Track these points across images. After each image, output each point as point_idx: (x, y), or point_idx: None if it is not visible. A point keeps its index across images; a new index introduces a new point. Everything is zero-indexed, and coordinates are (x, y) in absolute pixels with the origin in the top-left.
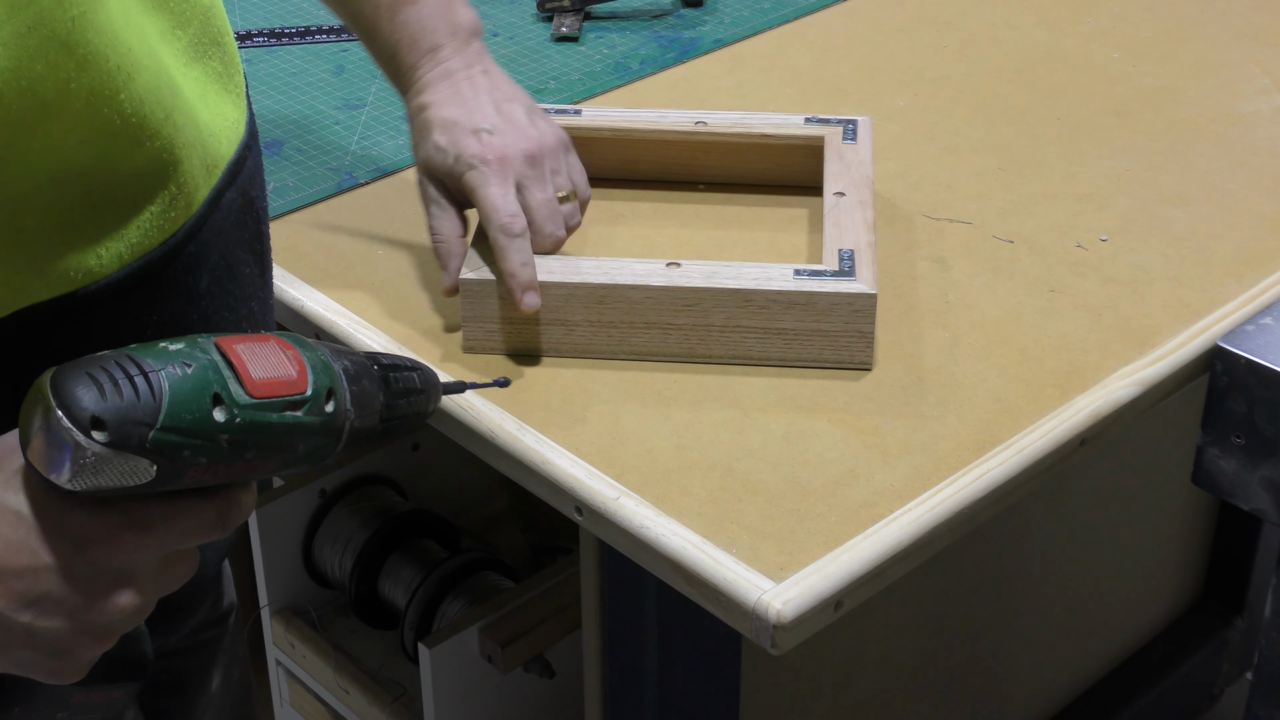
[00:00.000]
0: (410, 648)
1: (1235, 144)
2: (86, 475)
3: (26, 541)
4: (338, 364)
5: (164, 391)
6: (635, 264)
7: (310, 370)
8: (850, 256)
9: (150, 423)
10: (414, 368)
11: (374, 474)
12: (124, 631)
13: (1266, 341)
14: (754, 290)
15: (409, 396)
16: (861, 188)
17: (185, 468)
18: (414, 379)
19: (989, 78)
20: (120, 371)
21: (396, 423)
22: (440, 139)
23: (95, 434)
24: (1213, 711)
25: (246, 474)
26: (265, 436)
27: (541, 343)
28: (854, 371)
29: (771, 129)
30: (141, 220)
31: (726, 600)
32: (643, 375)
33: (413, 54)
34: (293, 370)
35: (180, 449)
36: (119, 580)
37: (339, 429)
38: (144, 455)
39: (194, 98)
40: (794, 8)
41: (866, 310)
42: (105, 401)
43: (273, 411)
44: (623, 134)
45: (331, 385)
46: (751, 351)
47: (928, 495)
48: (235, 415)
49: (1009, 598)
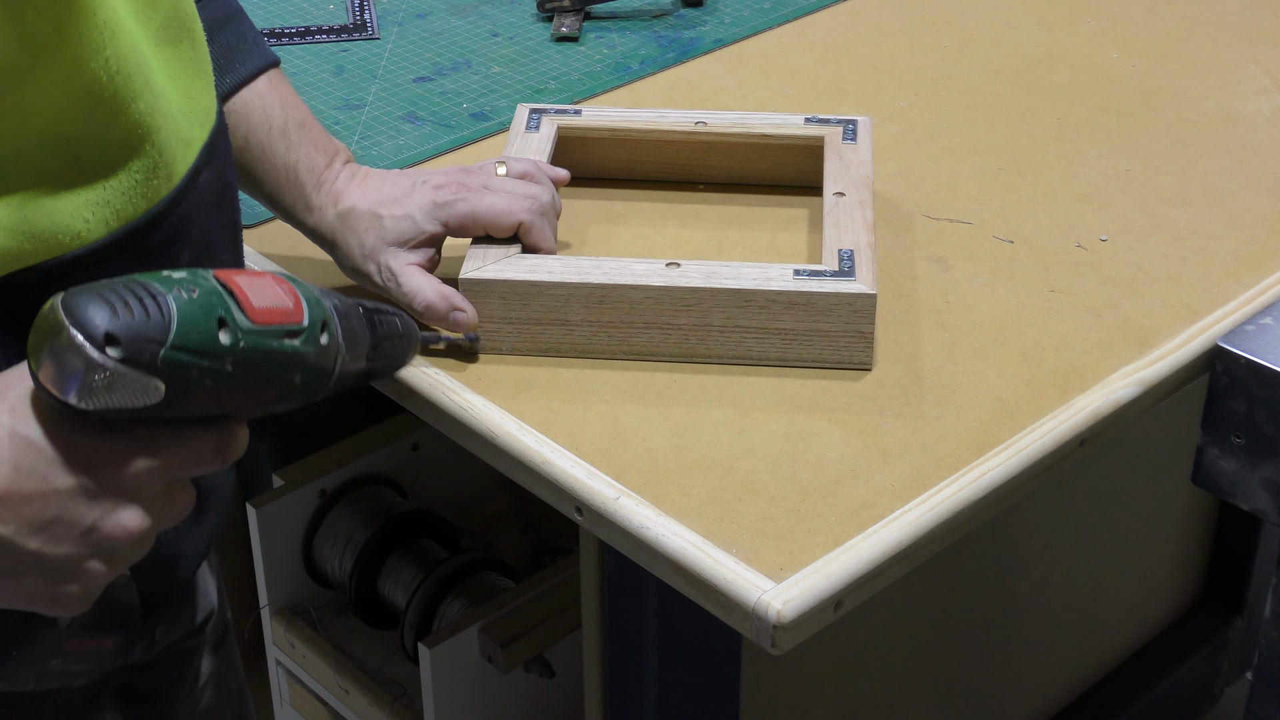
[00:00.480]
0: (410, 648)
1: (1235, 144)
2: (99, 394)
3: (36, 467)
4: (328, 301)
5: (172, 312)
6: (635, 264)
7: (305, 302)
8: (850, 257)
9: (161, 340)
10: (395, 314)
11: (374, 474)
12: (131, 559)
13: (1266, 341)
14: (754, 290)
15: (392, 340)
16: (861, 188)
17: (192, 389)
18: (396, 323)
19: (989, 78)
20: (129, 294)
21: (381, 364)
22: (394, 212)
23: (109, 350)
24: (1213, 711)
25: (246, 402)
26: (266, 362)
27: (542, 342)
28: (854, 371)
29: (771, 129)
30: (125, 186)
31: (726, 600)
32: (643, 375)
33: (313, 173)
34: (289, 301)
35: (189, 369)
36: (127, 503)
37: (331, 363)
38: (155, 374)
39: (165, 76)
40: (794, 8)
41: (866, 310)
42: (118, 319)
43: (273, 339)
44: (623, 134)
45: (325, 319)
46: (751, 351)
47: (928, 495)
48: (239, 339)
49: (1009, 598)
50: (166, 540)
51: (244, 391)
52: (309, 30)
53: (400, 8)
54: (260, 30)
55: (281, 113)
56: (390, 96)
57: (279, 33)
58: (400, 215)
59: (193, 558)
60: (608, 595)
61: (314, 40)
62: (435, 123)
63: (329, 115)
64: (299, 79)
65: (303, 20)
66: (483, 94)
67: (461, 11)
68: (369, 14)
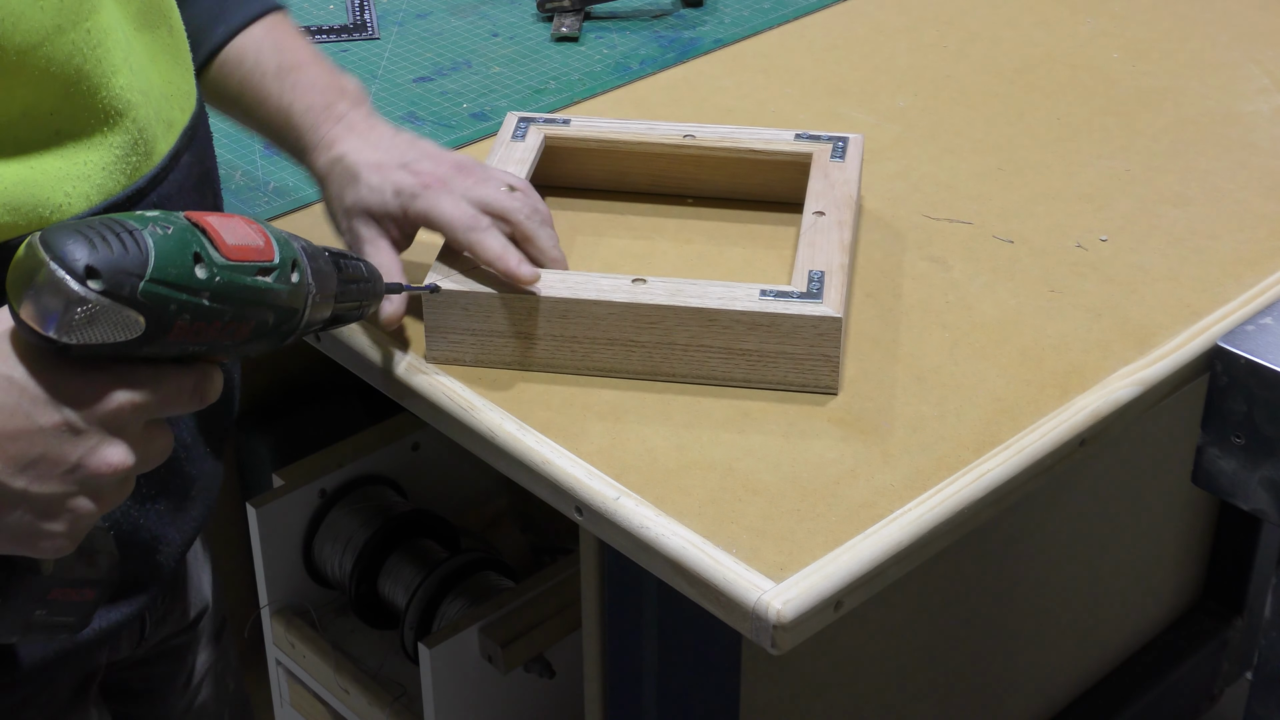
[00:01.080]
0: (410, 648)
1: (1235, 144)
2: (80, 329)
3: (19, 405)
4: (296, 242)
5: (149, 246)
6: (600, 279)
7: (275, 241)
8: (820, 278)
9: (140, 273)
10: (360, 260)
11: (374, 474)
12: (116, 499)
13: (1266, 341)
14: (718, 310)
15: (358, 284)
16: (843, 207)
17: (171, 324)
18: (361, 268)
19: (989, 78)
20: (106, 230)
21: (348, 308)
22: (373, 179)
23: (90, 283)
24: (1213, 711)
25: (222, 339)
26: (241, 298)
27: (505, 356)
28: (852, 373)
29: (761, 144)
30: (106, 162)
31: (726, 600)
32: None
33: (309, 115)
34: (260, 240)
35: (168, 303)
36: (111, 439)
37: (301, 303)
38: (135, 307)
39: (144, 58)
40: (794, 8)
41: (831, 334)
42: (97, 253)
43: (247, 274)
44: (610, 145)
45: (294, 258)
46: (716, 372)
47: (928, 495)
48: (215, 274)
49: (1009, 598)
50: (145, 525)
51: (220, 327)
52: (309, 30)
53: (400, 8)
54: None
55: (275, 56)
56: (390, 96)
57: None
58: (377, 184)
59: (175, 546)
60: (608, 595)
61: (314, 40)
62: (435, 123)
63: None
64: None
65: (303, 20)
66: (483, 94)
67: (461, 11)
68: (369, 14)
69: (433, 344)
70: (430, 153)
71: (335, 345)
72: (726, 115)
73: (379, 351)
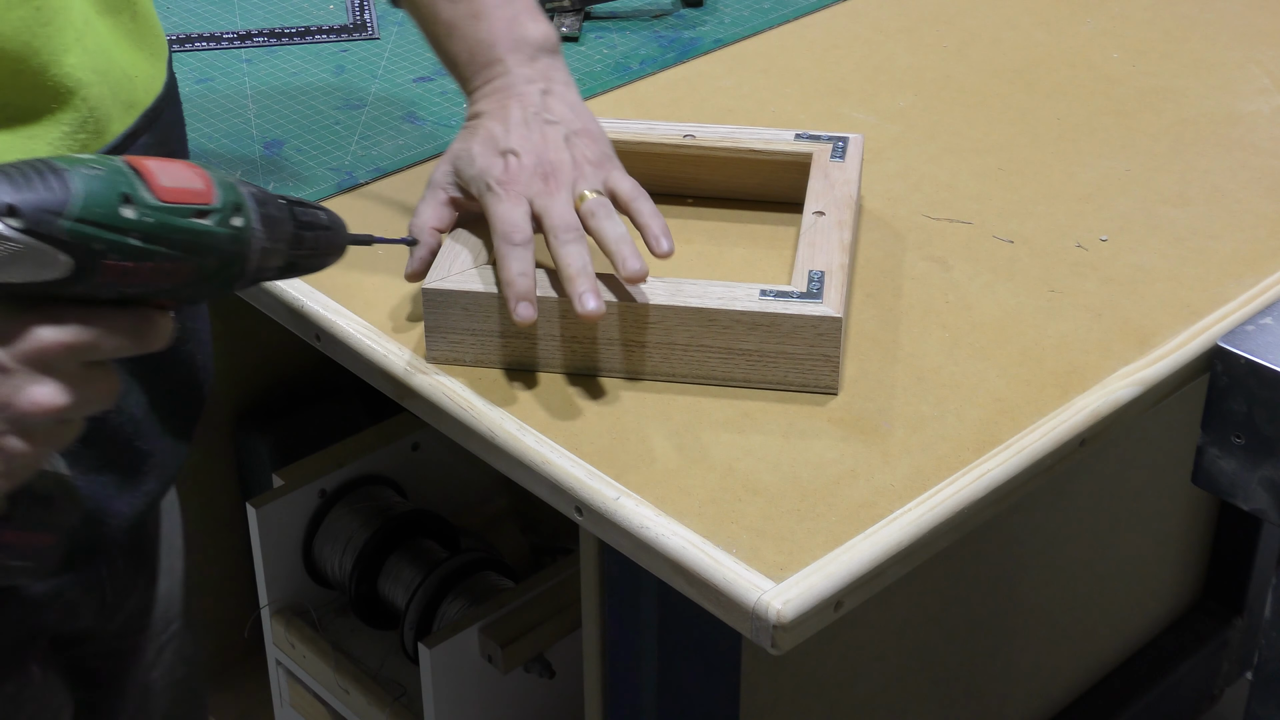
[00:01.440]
0: (410, 648)
1: (1235, 144)
2: (2, 267)
3: None
4: (245, 189)
5: (75, 186)
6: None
7: (217, 185)
8: (820, 278)
9: (60, 211)
10: (320, 208)
11: (374, 474)
12: (55, 440)
13: (1266, 341)
14: (718, 310)
15: (315, 231)
16: (843, 208)
17: (99, 263)
18: (320, 216)
19: (989, 78)
20: (30, 169)
21: (305, 255)
22: (475, 148)
23: (9, 220)
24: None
25: (159, 282)
26: (175, 239)
27: (505, 355)
28: (852, 372)
29: (760, 144)
30: (53, 138)
31: (726, 600)
32: None
33: (471, 67)
34: (200, 184)
35: (92, 241)
36: (39, 376)
37: (246, 248)
38: (58, 246)
39: (106, 40)
40: (794, 8)
41: (831, 334)
42: (18, 192)
43: (180, 216)
44: None
45: (239, 202)
46: (715, 372)
47: (928, 495)
48: (145, 215)
49: (1009, 598)
50: (91, 495)
51: (154, 269)
52: (309, 30)
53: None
54: (260, 30)
55: (449, 7)
56: (390, 96)
57: (279, 33)
58: (463, 150)
59: (124, 518)
60: (608, 595)
61: (314, 40)
62: (435, 123)
63: (329, 115)
64: (299, 79)
65: (303, 20)
66: None
67: None
68: (369, 14)
69: (433, 344)
70: (545, 146)
71: (335, 345)
72: (726, 115)
73: (379, 351)
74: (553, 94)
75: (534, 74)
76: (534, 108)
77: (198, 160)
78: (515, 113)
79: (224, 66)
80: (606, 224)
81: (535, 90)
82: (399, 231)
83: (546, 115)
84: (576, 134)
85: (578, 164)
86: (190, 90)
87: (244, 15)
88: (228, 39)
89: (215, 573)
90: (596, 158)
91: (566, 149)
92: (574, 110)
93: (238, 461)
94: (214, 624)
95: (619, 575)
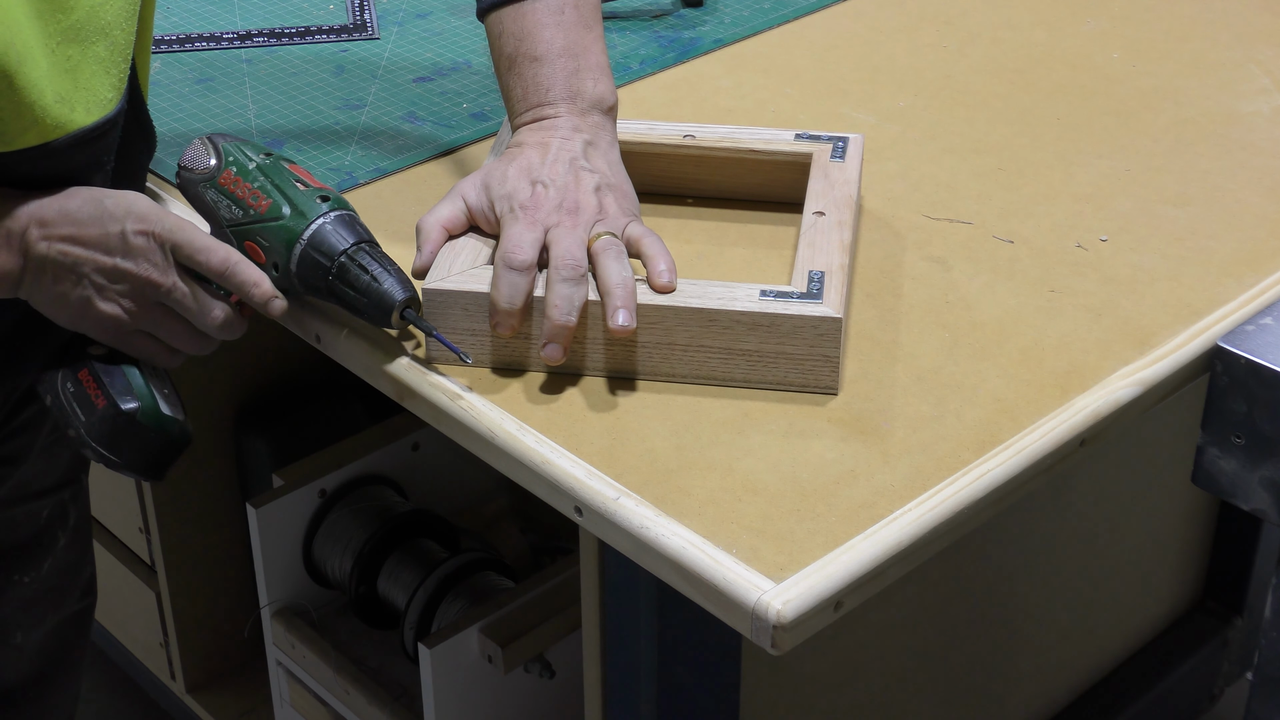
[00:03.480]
0: (410, 648)
1: (1235, 144)
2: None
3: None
4: (331, 223)
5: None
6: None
7: (311, 196)
8: (820, 279)
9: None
10: (389, 274)
11: (374, 474)
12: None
13: (1266, 341)
14: (718, 310)
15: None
16: (843, 208)
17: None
18: (367, 282)
19: (989, 78)
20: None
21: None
22: (511, 171)
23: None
24: (1213, 711)
25: (246, 206)
26: (274, 184)
27: (505, 355)
28: (852, 372)
29: (760, 144)
30: None
31: (726, 600)
32: None
33: (524, 104)
34: (314, 182)
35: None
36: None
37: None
38: (214, 151)
39: (56, 69)
40: (794, 8)
41: (831, 334)
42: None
43: (287, 179)
44: None
45: (316, 219)
46: (716, 372)
47: (928, 495)
48: (269, 158)
49: (1009, 598)
50: None
51: (250, 191)
52: (309, 30)
53: (400, 8)
54: (260, 30)
55: (513, 44)
56: (390, 96)
57: (279, 33)
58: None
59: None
60: (608, 595)
61: (314, 40)
62: (435, 123)
63: (329, 115)
64: (299, 79)
65: (303, 20)
66: (483, 94)
67: (461, 11)
68: (369, 14)
69: (433, 344)
70: (574, 187)
71: (335, 345)
72: (726, 115)
73: (379, 351)
74: (596, 148)
75: (582, 125)
76: (574, 153)
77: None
78: (555, 150)
79: (224, 66)
80: (613, 264)
81: (580, 139)
82: (400, 232)
83: (584, 163)
84: (609, 187)
85: (603, 209)
86: (190, 90)
87: (244, 15)
88: (228, 39)
89: (215, 573)
90: (621, 210)
91: (595, 195)
92: (611, 167)
93: (238, 461)
94: (214, 624)
95: (619, 575)
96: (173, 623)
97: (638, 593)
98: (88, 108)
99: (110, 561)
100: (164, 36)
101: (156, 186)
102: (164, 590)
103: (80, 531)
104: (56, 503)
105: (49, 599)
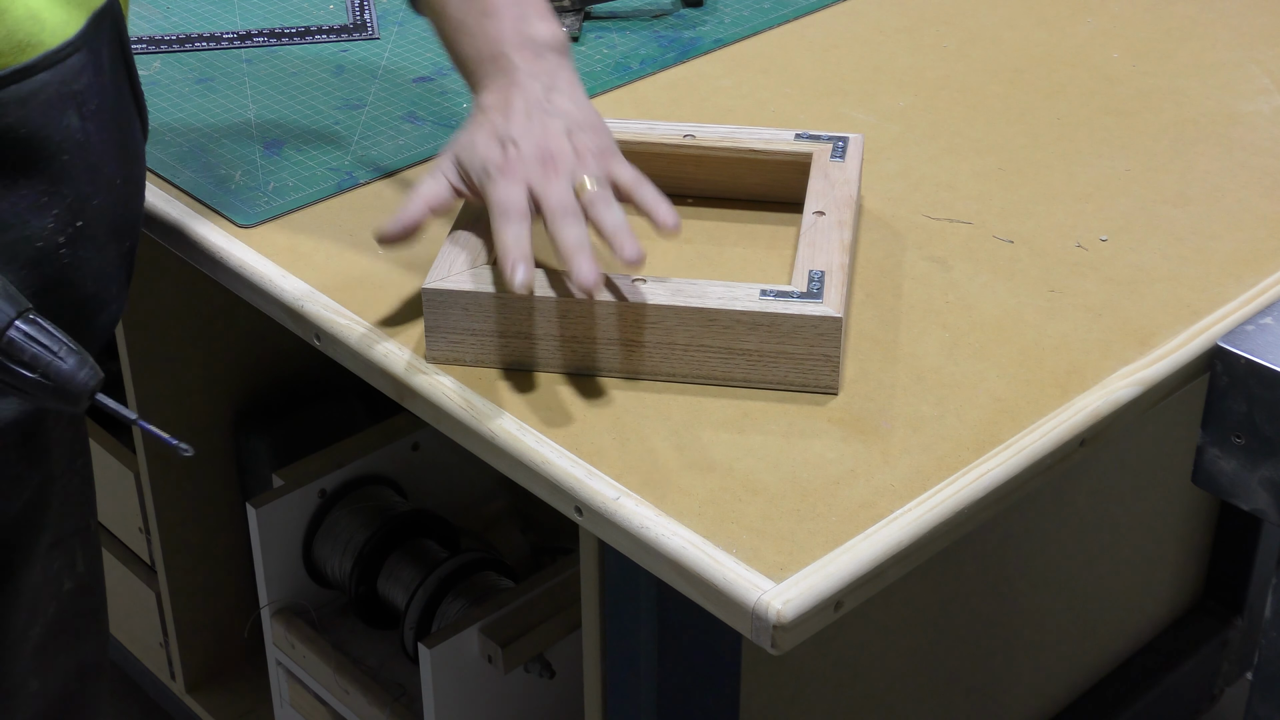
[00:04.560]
0: (410, 648)
1: (1235, 144)
2: None
3: None
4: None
5: None
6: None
7: None
8: (820, 278)
9: None
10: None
11: (374, 474)
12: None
13: (1266, 341)
14: (718, 310)
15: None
16: (843, 207)
17: None
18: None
19: (989, 78)
20: None
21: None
22: (478, 138)
23: None
24: (1213, 711)
25: None
26: None
27: (504, 355)
28: (852, 372)
29: (760, 144)
30: None
31: (726, 600)
32: None
33: (478, 63)
34: None
35: None
36: None
37: None
38: None
39: None
40: (794, 8)
41: (831, 334)
42: None
43: None
44: None
45: None
46: (716, 371)
47: (928, 495)
48: None
49: (1009, 598)
50: None
51: None
52: (309, 30)
53: (400, 8)
54: (260, 30)
55: (459, 4)
56: (390, 96)
57: (279, 33)
58: (465, 139)
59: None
60: (608, 595)
61: (314, 40)
62: (435, 123)
63: (329, 115)
64: (299, 79)
65: (303, 20)
66: None
67: None
68: (369, 14)
69: (433, 344)
70: (543, 136)
71: (335, 345)
72: (726, 115)
73: (379, 351)
74: (557, 89)
75: (539, 70)
76: (537, 101)
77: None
78: (518, 104)
79: (224, 66)
80: (606, 212)
81: (539, 85)
82: None
83: (549, 108)
84: (579, 127)
85: (579, 153)
86: (190, 90)
87: (244, 15)
88: (228, 39)
89: (215, 573)
90: (598, 149)
91: (567, 140)
92: (577, 105)
93: (238, 461)
94: (214, 624)
95: (619, 575)
96: (172, 623)
97: (638, 593)
98: (53, 30)
99: (110, 561)
100: (164, 36)
101: (156, 186)
102: (164, 590)
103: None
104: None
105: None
